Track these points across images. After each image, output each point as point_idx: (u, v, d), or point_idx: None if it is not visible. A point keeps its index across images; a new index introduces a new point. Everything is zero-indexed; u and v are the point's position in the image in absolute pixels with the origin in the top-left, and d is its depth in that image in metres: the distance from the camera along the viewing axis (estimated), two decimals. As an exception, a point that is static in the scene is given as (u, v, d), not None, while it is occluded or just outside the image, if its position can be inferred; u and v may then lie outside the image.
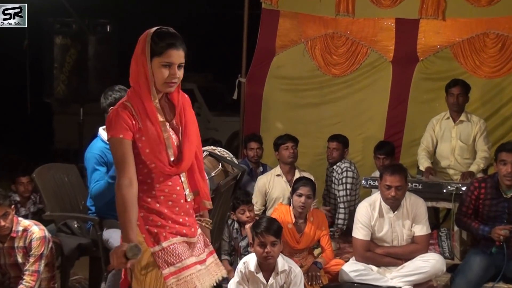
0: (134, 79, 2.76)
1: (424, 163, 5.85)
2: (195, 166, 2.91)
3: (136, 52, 2.76)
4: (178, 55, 2.74)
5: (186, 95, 2.94)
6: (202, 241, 2.99)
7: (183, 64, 2.77)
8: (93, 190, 4.24)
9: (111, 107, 4.28)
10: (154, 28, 2.76)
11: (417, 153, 6.02)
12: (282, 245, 4.30)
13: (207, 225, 3.06)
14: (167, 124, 2.81)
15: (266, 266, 4.23)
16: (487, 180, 4.72)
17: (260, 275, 4.19)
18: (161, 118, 2.77)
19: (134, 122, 2.71)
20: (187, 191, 2.87)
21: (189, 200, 2.87)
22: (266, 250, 4.10)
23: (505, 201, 4.60)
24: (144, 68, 2.72)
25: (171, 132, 2.81)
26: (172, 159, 2.77)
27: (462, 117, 5.87)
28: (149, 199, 2.76)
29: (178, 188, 2.82)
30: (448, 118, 5.93)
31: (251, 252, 4.40)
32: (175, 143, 2.81)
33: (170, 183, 2.79)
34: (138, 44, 2.76)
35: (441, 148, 5.97)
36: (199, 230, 2.98)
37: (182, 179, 2.85)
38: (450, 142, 5.90)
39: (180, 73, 2.76)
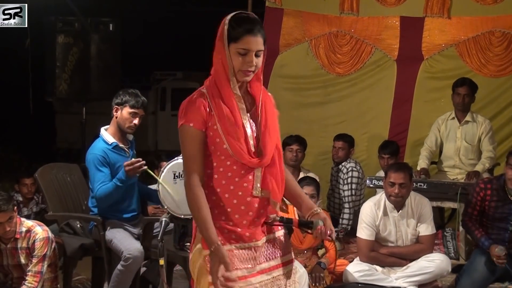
0: (213, 66, 2.60)
1: (421, 164, 5.84)
2: (276, 163, 2.64)
3: (216, 38, 2.58)
4: (255, 42, 2.54)
5: (270, 94, 2.75)
6: (278, 245, 2.69)
7: (262, 52, 2.57)
8: (98, 192, 4.22)
9: (116, 106, 4.33)
10: (233, 13, 2.59)
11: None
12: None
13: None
14: (248, 114, 2.61)
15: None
16: (493, 182, 4.69)
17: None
18: (241, 105, 2.59)
19: (209, 110, 2.53)
20: (257, 188, 2.59)
21: (257, 195, 2.58)
22: None
23: (511, 203, 4.57)
24: (221, 54, 2.55)
25: (251, 122, 2.61)
26: (253, 150, 2.57)
27: (468, 117, 5.83)
28: (214, 197, 2.56)
29: (245, 184, 2.57)
30: (453, 118, 5.91)
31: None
32: (254, 134, 2.60)
33: (237, 179, 2.55)
34: (218, 30, 2.60)
35: (446, 148, 5.96)
36: (279, 233, 2.70)
37: (257, 173, 2.59)
38: (455, 142, 5.88)
39: (258, 61, 2.56)
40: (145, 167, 4.16)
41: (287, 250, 2.72)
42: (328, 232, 2.64)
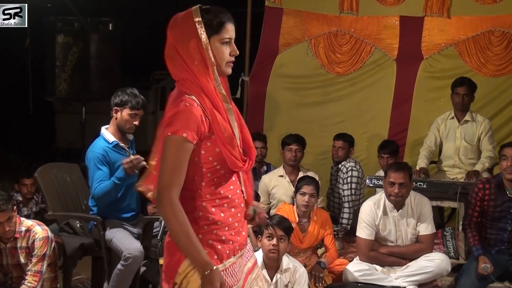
0: (182, 69, 2.37)
1: (420, 163, 5.85)
2: None
3: (176, 40, 2.36)
4: (233, 29, 2.41)
5: None
6: (248, 245, 2.68)
7: None
8: (96, 190, 4.22)
9: (115, 107, 4.32)
10: (195, 7, 2.39)
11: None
12: (289, 246, 4.31)
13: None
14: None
15: (271, 264, 4.23)
16: (491, 181, 4.69)
17: (265, 272, 4.20)
18: (228, 106, 2.41)
19: (205, 119, 2.33)
20: (243, 192, 2.52)
21: (244, 199, 2.54)
22: (272, 243, 4.11)
23: (509, 200, 4.58)
24: (200, 53, 2.34)
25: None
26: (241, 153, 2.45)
27: (467, 117, 5.83)
28: (213, 209, 2.39)
29: (238, 191, 2.48)
30: (453, 117, 5.91)
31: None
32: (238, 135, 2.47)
33: (231, 187, 2.44)
34: (176, 29, 2.37)
35: (445, 147, 5.96)
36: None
37: (241, 177, 2.51)
38: (454, 142, 5.88)
39: None
40: (144, 162, 4.16)
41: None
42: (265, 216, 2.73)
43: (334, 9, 7.17)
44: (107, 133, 4.35)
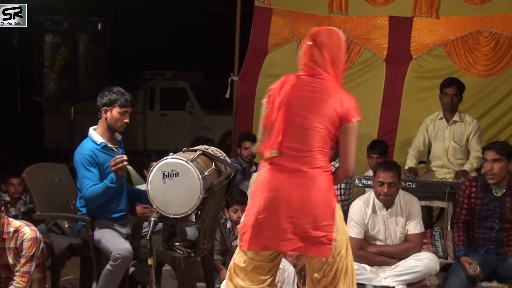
0: (332, 72, 3.58)
1: (409, 163, 5.86)
2: None
3: (335, 50, 3.60)
4: None
5: None
6: None
7: None
8: (87, 192, 4.19)
9: (104, 107, 4.29)
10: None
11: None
12: None
13: None
14: None
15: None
16: (478, 179, 4.71)
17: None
18: None
19: None
20: None
21: None
22: None
23: (496, 200, 4.60)
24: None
25: None
26: None
27: (456, 117, 5.86)
28: None
29: None
30: (441, 118, 5.93)
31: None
32: None
33: None
34: (335, 42, 3.65)
35: (434, 148, 5.98)
36: None
37: None
38: (443, 142, 5.90)
39: None
40: (126, 162, 4.15)
41: None
42: None
43: (323, 9, 7.17)
44: (95, 135, 4.33)
